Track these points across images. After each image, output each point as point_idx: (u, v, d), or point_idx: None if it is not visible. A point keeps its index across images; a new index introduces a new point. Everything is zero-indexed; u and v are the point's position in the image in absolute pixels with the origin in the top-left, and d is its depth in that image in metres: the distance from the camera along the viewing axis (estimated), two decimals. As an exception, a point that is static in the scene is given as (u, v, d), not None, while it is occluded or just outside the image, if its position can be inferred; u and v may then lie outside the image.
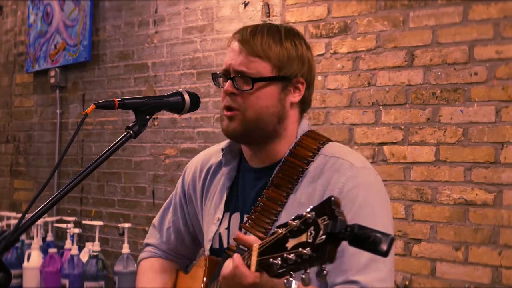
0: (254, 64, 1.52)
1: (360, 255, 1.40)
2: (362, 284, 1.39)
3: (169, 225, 1.89)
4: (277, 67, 1.53)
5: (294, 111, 1.59)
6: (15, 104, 4.89)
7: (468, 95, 2.66)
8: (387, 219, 1.51)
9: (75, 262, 3.46)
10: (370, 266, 1.41)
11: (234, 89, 1.53)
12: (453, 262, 2.67)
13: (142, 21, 4.00)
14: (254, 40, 1.52)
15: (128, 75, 4.05)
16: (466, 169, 2.66)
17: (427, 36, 2.77)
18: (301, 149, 1.56)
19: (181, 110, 1.51)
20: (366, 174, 1.52)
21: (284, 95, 1.55)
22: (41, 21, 4.60)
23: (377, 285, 1.39)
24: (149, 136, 3.91)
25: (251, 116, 1.53)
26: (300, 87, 1.57)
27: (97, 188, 4.23)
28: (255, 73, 1.51)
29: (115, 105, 1.40)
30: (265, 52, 1.51)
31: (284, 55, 1.53)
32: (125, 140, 1.38)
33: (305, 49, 1.58)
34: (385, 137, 2.88)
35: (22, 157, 4.80)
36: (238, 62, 1.52)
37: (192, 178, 1.79)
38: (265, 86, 1.52)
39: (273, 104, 1.53)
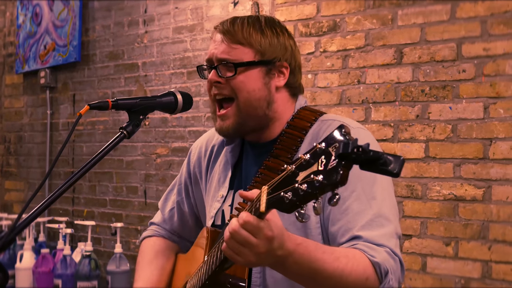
0: (236, 51, 1.57)
1: (364, 213, 1.44)
2: (365, 238, 1.41)
3: (173, 206, 1.92)
4: (259, 53, 1.57)
5: (281, 94, 1.63)
6: (5, 105, 4.88)
7: (457, 92, 2.69)
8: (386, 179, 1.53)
9: (68, 262, 3.47)
10: (374, 223, 1.43)
11: (219, 77, 1.57)
12: (444, 257, 2.71)
13: (131, 21, 4.00)
14: (235, 28, 1.57)
15: (118, 75, 4.06)
16: (456, 165, 2.69)
17: (415, 34, 2.80)
18: (299, 120, 1.61)
19: (174, 110, 1.53)
20: (362, 134, 1.57)
21: (268, 79, 1.59)
22: (30, 21, 4.59)
23: (381, 241, 1.41)
24: (140, 135, 3.92)
25: (242, 102, 1.56)
26: (284, 71, 1.62)
27: (88, 188, 4.23)
28: (237, 59, 1.56)
29: (109, 106, 1.42)
30: (247, 39, 1.57)
31: (265, 42, 1.58)
32: (119, 140, 1.40)
33: (286, 37, 1.63)
34: (375, 134, 2.91)
35: (13, 158, 4.79)
36: (220, 51, 1.57)
37: (197, 158, 1.83)
38: (248, 70, 1.57)
39: (259, 88, 1.58)
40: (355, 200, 1.46)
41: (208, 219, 1.71)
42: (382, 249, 1.41)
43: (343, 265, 1.33)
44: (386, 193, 1.50)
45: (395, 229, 1.47)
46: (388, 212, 1.47)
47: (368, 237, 1.42)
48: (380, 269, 1.38)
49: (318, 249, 1.32)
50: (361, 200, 1.46)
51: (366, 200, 1.46)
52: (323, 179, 1.06)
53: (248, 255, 1.24)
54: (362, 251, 1.39)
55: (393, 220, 1.48)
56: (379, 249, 1.40)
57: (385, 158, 1.04)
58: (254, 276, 1.55)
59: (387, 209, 1.47)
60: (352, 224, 1.45)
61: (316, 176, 1.06)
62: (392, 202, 1.52)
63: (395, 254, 1.43)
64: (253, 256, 1.24)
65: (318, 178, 1.06)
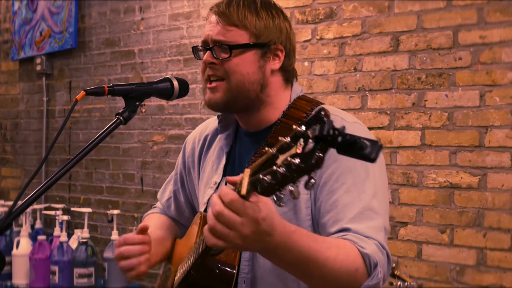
0: (231, 33, 1.55)
1: (353, 206, 1.43)
2: (354, 230, 1.41)
3: (170, 195, 1.92)
4: (254, 35, 1.56)
5: (275, 78, 1.61)
6: (1, 92, 4.87)
7: (453, 80, 2.69)
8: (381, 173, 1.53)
9: (65, 249, 3.48)
10: (363, 215, 1.43)
11: (213, 58, 1.56)
12: (439, 244, 2.72)
13: (128, 8, 3.99)
14: (230, 10, 1.56)
15: (115, 62, 4.05)
16: (451, 153, 2.69)
17: (412, 22, 2.80)
18: (294, 110, 1.60)
19: (170, 96, 1.53)
20: (357, 128, 1.54)
21: (263, 62, 1.58)
22: (25, 8, 4.57)
23: (369, 233, 1.41)
24: (137, 123, 3.91)
25: (234, 83, 1.55)
26: (279, 54, 1.60)
27: (85, 175, 4.23)
28: (232, 41, 1.55)
29: (105, 92, 1.41)
30: (242, 21, 1.55)
31: (260, 24, 1.57)
32: (115, 126, 1.40)
33: (282, 19, 1.61)
34: (371, 122, 2.91)
35: (9, 145, 4.79)
36: (215, 32, 1.56)
37: (191, 148, 1.82)
38: (243, 52, 1.55)
39: (254, 71, 1.56)
40: (345, 193, 1.46)
41: (201, 205, 1.71)
42: (371, 241, 1.40)
43: (334, 255, 1.32)
44: (377, 187, 1.49)
45: (384, 223, 1.46)
46: (378, 206, 1.46)
47: (356, 229, 1.41)
48: (370, 261, 1.37)
49: (310, 238, 1.31)
50: (350, 193, 1.46)
51: (356, 193, 1.45)
52: (300, 162, 1.05)
53: (233, 237, 1.20)
54: (352, 242, 1.38)
55: (382, 214, 1.47)
56: (368, 241, 1.40)
57: (362, 142, 1.04)
58: (243, 264, 1.54)
59: (377, 203, 1.46)
60: (340, 216, 1.44)
61: (293, 159, 1.05)
62: (383, 196, 1.51)
63: (383, 248, 1.42)
64: (239, 239, 1.20)
65: (295, 161, 1.05)
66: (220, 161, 1.69)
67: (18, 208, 1.22)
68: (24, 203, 1.25)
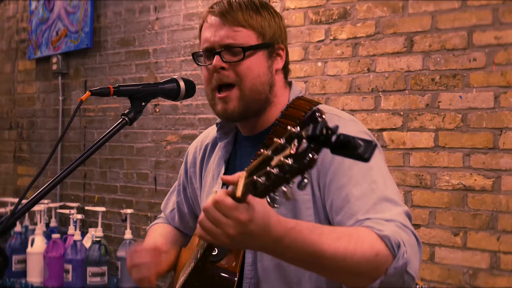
0: (240, 34, 1.52)
1: (367, 197, 1.38)
2: (374, 219, 1.35)
3: (173, 207, 1.91)
4: (261, 35, 1.55)
5: (279, 77, 1.61)
6: (18, 91, 4.91)
7: (467, 81, 2.66)
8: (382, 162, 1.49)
9: (78, 247, 3.50)
10: (380, 206, 1.37)
11: (224, 63, 1.52)
12: (452, 247, 2.69)
13: (143, 8, 4.00)
14: (234, 10, 1.53)
15: (129, 62, 4.06)
16: (465, 154, 2.67)
17: (426, 22, 2.77)
18: (293, 110, 1.58)
19: (177, 97, 1.52)
20: (354, 125, 1.53)
21: (271, 62, 1.57)
22: (42, 7, 4.61)
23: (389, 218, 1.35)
24: (151, 122, 3.93)
25: (247, 88, 1.53)
26: (281, 54, 1.60)
27: (99, 174, 4.26)
28: (242, 43, 1.52)
29: (111, 92, 1.41)
30: (248, 21, 1.53)
31: (265, 23, 1.55)
32: (120, 127, 1.40)
33: (279, 18, 1.61)
34: (384, 123, 2.89)
35: (25, 143, 4.83)
36: (223, 35, 1.52)
37: (192, 158, 1.81)
38: (254, 54, 1.53)
39: (264, 72, 1.55)
40: (355, 186, 1.41)
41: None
42: (391, 223, 1.33)
43: (345, 245, 1.27)
44: (385, 176, 1.45)
45: (403, 210, 1.39)
46: (394, 195, 1.41)
47: (375, 218, 1.35)
48: (391, 242, 1.29)
49: (314, 232, 1.26)
50: (360, 184, 1.40)
51: (367, 184, 1.40)
52: (293, 163, 1.04)
53: (220, 235, 1.19)
54: (369, 227, 1.32)
55: (400, 203, 1.41)
56: (387, 223, 1.33)
57: (356, 142, 1.03)
58: (246, 269, 1.53)
59: (391, 192, 1.41)
60: (355, 210, 1.39)
61: (287, 160, 1.05)
62: (392, 184, 1.46)
63: (406, 227, 1.35)
64: (225, 237, 1.20)
65: (288, 161, 1.05)
66: (219, 170, 1.68)
67: (23, 207, 1.22)
68: (28, 202, 1.26)
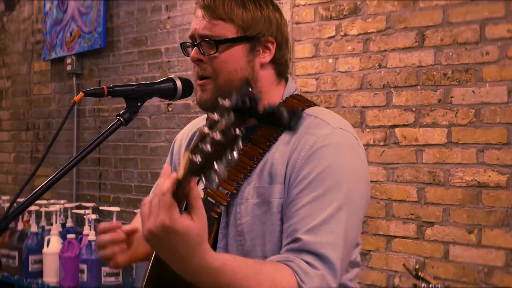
0: (217, 27, 1.49)
1: (315, 216, 1.35)
2: (305, 242, 1.33)
3: None
4: (241, 28, 1.50)
5: (266, 71, 1.55)
6: (34, 92, 4.94)
7: (480, 75, 2.61)
8: (358, 183, 1.45)
9: (93, 247, 3.50)
10: (322, 227, 1.34)
11: (200, 55, 1.50)
12: (466, 245, 2.64)
13: (154, 7, 3.99)
14: (216, 3, 1.49)
15: (142, 61, 4.06)
16: (479, 150, 2.61)
17: (437, 16, 2.72)
18: None
19: (174, 96, 1.50)
20: (340, 135, 1.47)
21: (252, 56, 1.52)
22: (56, 9, 4.63)
23: (323, 249, 1.33)
24: (164, 122, 3.92)
25: (222, 82, 1.49)
26: (270, 47, 1.54)
27: (114, 174, 4.27)
28: (219, 36, 1.49)
29: (105, 93, 1.40)
30: (228, 14, 1.48)
31: (247, 16, 1.50)
32: (115, 128, 1.39)
33: (271, 10, 1.55)
34: (396, 119, 2.85)
35: (42, 144, 4.86)
36: (202, 27, 1.50)
37: (178, 146, 1.77)
38: (231, 47, 1.49)
39: (242, 67, 1.50)
40: (311, 202, 1.37)
41: None
42: (317, 273, 1.31)
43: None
44: (350, 199, 1.40)
45: (344, 240, 1.36)
46: (343, 220, 1.37)
47: (310, 242, 1.33)
48: None
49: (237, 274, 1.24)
50: (316, 203, 1.37)
51: (322, 204, 1.37)
52: (221, 137, 1.02)
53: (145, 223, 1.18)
54: (295, 272, 1.30)
55: (346, 230, 1.37)
56: (313, 274, 1.31)
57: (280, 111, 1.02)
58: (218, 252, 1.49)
59: (343, 216, 1.37)
60: (299, 226, 1.36)
61: (217, 135, 1.03)
62: (354, 209, 1.41)
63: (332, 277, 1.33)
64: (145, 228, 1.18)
65: (215, 137, 1.03)
66: None
67: (15, 210, 1.21)
68: (22, 205, 1.25)
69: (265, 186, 1.45)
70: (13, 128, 5.14)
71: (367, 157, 2.94)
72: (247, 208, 1.45)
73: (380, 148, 2.90)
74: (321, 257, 1.33)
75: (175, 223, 1.15)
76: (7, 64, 5.23)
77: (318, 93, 3.12)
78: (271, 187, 1.45)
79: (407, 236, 2.81)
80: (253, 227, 1.44)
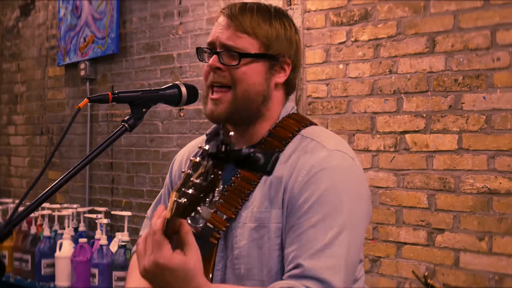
0: (241, 40, 1.49)
1: (316, 241, 1.36)
2: (307, 268, 1.34)
3: None
4: (264, 45, 1.50)
5: (278, 92, 1.56)
6: (48, 97, 4.98)
7: (491, 81, 2.60)
8: (357, 206, 1.45)
9: (104, 251, 3.52)
10: (324, 253, 1.36)
11: (220, 64, 1.50)
12: (477, 252, 2.62)
13: (167, 13, 4.02)
14: (243, 16, 1.49)
15: (154, 67, 4.08)
16: (490, 157, 2.60)
17: (448, 22, 2.71)
18: (280, 130, 1.53)
19: (179, 103, 1.50)
20: (337, 157, 1.46)
21: (270, 74, 1.52)
22: (70, 14, 4.67)
23: (324, 274, 1.34)
24: (176, 127, 3.94)
25: (240, 92, 1.49)
26: (286, 68, 1.54)
27: (127, 179, 4.29)
28: (242, 49, 1.49)
29: (109, 99, 1.41)
30: (254, 29, 1.49)
31: (272, 34, 1.50)
32: (120, 134, 1.39)
33: (293, 32, 1.55)
34: (407, 125, 2.84)
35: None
36: (225, 36, 1.49)
37: (178, 165, 1.77)
38: (252, 62, 1.49)
39: (260, 82, 1.50)
40: (312, 227, 1.38)
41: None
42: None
43: None
44: (351, 221, 1.41)
45: (346, 263, 1.38)
46: (344, 243, 1.38)
47: (311, 267, 1.34)
48: None
49: None
50: (317, 228, 1.38)
51: (324, 229, 1.38)
52: (203, 181, 1.06)
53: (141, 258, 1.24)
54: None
55: (348, 253, 1.39)
56: None
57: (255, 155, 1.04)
58: (216, 273, 1.51)
59: (345, 239, 1.39)
60: (301, 252, 1.37)
61: (198, 178, 1.07)
62: (355, 231, 1.43)
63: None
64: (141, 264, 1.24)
65: (198, 181, 1.07)
66: None
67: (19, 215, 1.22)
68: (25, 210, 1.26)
69: (263, 211, 1.46)
70: (27, 132, 5.19)
71: (378, 163, 2.93)
72: (244, 232, 1.46)
73: (390, 154, 2.89)
74: (323, 282, 1.34)
75: (167, 261, 1.19)
76: (22, 69, 5.28)
77: (329, 99, 3.11)
78: (268, 212, 1.45)
79: (417, 243, 2.79)
80: (250, 251, 1.45)
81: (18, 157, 5.23)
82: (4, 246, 4.04)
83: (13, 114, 5.35)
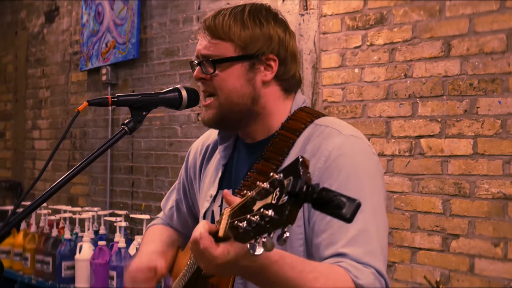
0: (217, 47, 1.50)
1: (349, 227, 1.35)
2: (350, 257, 1.34)
3: (172, 205, 1.89)
4: (240, 47, 1.50)
5: (270, 88, 1.54)
6: (71, 102, 5.05)
7: (506, 85, 2.56)
8: (377, 188, 1.46)
9: (123, 254, 3.55)
10: (359, 238, 1.36)
11: (202, 74, 1.53)
12: (492, 258, 2.59)
13: (186, 18, 4.05)
14: (215, 23, 1.51)
15: (174, 72, 4.12)
16: (505, 162, 2.56)
17: (463, 25, 2.69)
18: (293, 122, 1.53)
19: (179, 106, 1.52)
20: (353, 142, 1.47)
21: (253, 74, 1.52)
22: (93, 20, 4.73)
23: (366, 259, 1.34)
24: (194, 131, 3.96)
25: (223, 99, 1.51)
26: (271, 64, 1.53)
27: (146, 183, 4.32)
28: (218, 55, 1.50)
29: (109, 103, 1.42)
30: (226, 34, 1.49)
31: (246, 35, 1.50)
32: (120, 137, 1.41)
33: (272, 26, 1.53)
34: (422, 130, 2.82)
35: (78, 152, 4.96)
36: (202, 47, 1.53)
37: (193, 158, 1.79)
38: (229, 66, 1.50)
39: (241, 84, 1.51)
40: None
41: (200, 218, 1.69)
42: (368, 270, 1.33)
43: (321, 285, 1.27)
44: (376, 205, 1.42)
45: (381, 246, 1.39)
46: (376, 227, 1.40)
47: (353, 254, 1.34)
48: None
49: (295, 268, 1.26)
50: None
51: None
52: (274, 214, 1.02)
53: (202, 265, 1.24)
54: (347, 270, 1.32)
55: (380, 236, 1.40)
56: (365, 270, 1.33)
57: (338, 200, 1.00)
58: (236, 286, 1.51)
59: (375, 223, 1.39)
60: (335, 238, 1.37)
61: (267, 210, 1.03)
62: (381, 214, 1.44)
63: (381, 276, 1.35)
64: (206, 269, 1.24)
65: (268, 212, 1.02)
66: (217, 174, 1.66)
67: (17, 216, 1.24)
68: (24, 211, 1.28)
69: None
70: (51, 137, 5.27)
71: (393, 167, 2.91)
72: None
73: (405, 158, 2.87)
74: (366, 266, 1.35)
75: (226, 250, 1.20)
76: (46, 74, 5.37)
77: (344, 103, 3.10)
78: None
79: (432, 248, 2.77)
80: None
81: (42, 161, 5.31)
82: (26, 249, 4.11)
83: (38, 119, 5.44)
